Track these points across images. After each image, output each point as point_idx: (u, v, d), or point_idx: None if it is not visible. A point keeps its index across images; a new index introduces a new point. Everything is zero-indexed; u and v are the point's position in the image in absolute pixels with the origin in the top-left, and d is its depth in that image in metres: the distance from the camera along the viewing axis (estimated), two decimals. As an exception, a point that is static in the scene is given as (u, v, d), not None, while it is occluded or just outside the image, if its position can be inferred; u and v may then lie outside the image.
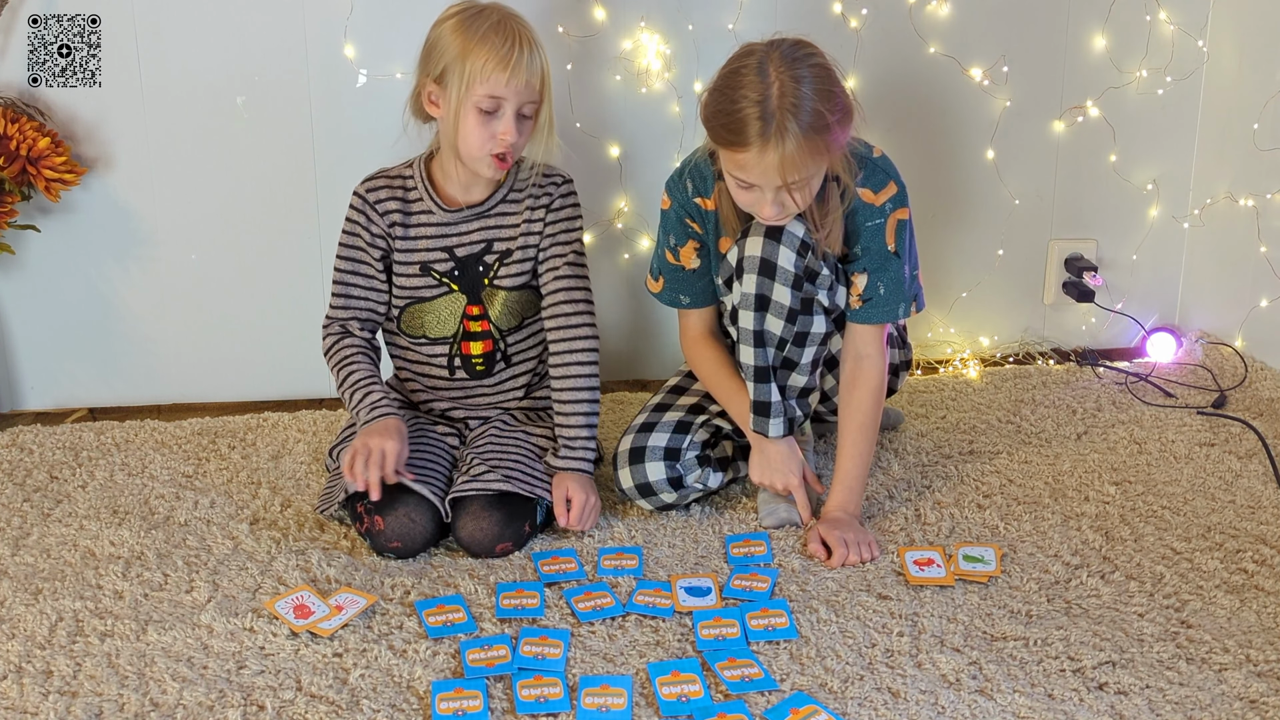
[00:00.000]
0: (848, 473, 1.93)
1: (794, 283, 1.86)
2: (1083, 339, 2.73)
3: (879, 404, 1.95)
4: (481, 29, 1.86)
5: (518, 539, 1.89)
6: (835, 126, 1.73)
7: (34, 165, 2.23)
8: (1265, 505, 2.01)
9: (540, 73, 1.89)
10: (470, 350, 2.03)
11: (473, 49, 1.85)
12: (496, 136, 1.87)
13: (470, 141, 1.89)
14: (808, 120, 1.70)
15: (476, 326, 2.03)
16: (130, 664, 1.62)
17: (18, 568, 1.85)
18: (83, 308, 2.43)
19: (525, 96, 1.87)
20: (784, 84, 1.70)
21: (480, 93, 1.85)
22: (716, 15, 2.41)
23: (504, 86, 1.85)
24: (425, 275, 2.00)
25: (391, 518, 1.85)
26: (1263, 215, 2.50)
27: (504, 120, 1.87)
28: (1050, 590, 1.78)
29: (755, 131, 1.70)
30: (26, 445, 2.26)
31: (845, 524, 1.88)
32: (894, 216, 1.89)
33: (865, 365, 1.94)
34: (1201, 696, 1.54)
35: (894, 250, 1.89)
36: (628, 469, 1.97)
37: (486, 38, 1.85)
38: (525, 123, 1.90)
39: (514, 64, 1.84)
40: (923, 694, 1.55)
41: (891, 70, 2.49)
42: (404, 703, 1.54)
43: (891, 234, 1.89)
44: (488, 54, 1.84)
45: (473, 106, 1.86)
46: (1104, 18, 2.53)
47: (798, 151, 1.70)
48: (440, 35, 1.90)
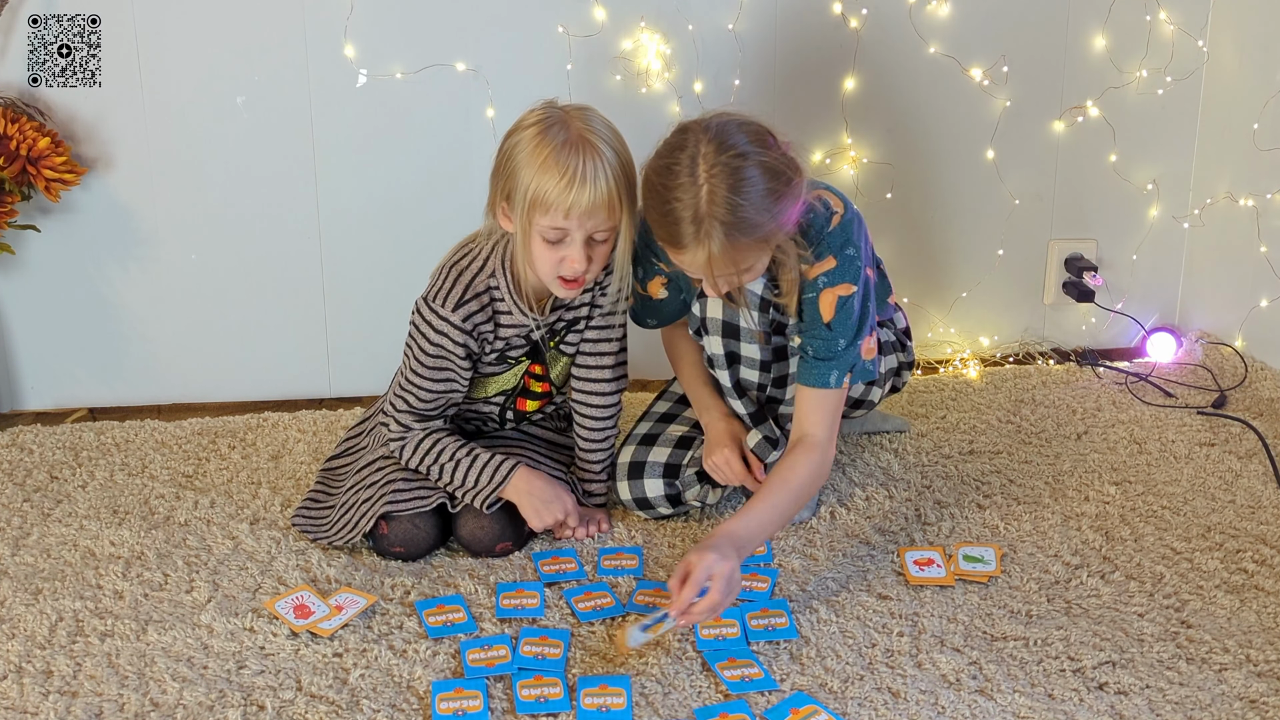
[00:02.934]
0: (752, 510, 1.71)
1: (760, 338, 1.84)
2: (1083, 339, 2.73)
3: (814, 479, 1.78)
4: (547, 150, 1.72)
5: (518, 538, 1.89)
6: (769, 224, 1.65)
7: (34, 165, 2.23)
8: (1265, 505, 2.01)
9: (611, 197, 1.74)
10: (525, 406, 2.01)
11: (536, 173, 1.72)
12: (565, 262, 1.76)
13: (538, 266, 1.79)
14: (736, 227, 1.62)
15: (537, 387, 1.99)
16: (130, 664, 1.62)
17: (18, 568, 1.85)
18: (83, 308, 2.43)
19: (592, 225, 1.74)
20: (713, 188, 1.61)
21: (542, 222, 1.74)
22: (716, 15, 2.41)
23: (564, 219, 1.72)
24: (502, 362, 1.95)
25: (395, 523, 1.85)
26: (1263, 215, 2.49)
27: (572, 247, 1.75)
28: (1050, 590, 1.78)
29: (689, 235, 1.64)
30: (26, 445, 2.26)
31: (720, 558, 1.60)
32: (829, 292, 1.77)
33: (808, 443, 1.79)
34: (1201, 696, 1.54)
35: (828, 323, 1.78)
36: (626, 483, 1.97)
37: (549, 163, 1.71)
38: (599, 247, 1.78)
39: (577, 193, 1.71)
40: (923, 694, 1.55)
41: (891, 70, 2.49)
42: (404, 703, 1.54)
43: (828, 308, 1.78)
44: (550, 181, 1.71)
45: (537, 233, 1.75)
46: (1104, 18, 2.53)
47: (726, 253, 1.64)
48: (511, 148, 1.77)
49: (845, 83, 2.48)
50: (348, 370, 2.50)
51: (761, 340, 1.84)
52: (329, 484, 2.01)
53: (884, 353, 1.99)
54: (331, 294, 2.46)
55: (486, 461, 1.87)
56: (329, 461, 2.07)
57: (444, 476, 1.87)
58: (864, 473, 2.13)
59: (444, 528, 1.89)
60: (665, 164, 1.67)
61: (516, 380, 1.97)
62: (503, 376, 1.96)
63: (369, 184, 2.40)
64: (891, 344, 2.03)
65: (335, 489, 1.99)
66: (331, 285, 2.46)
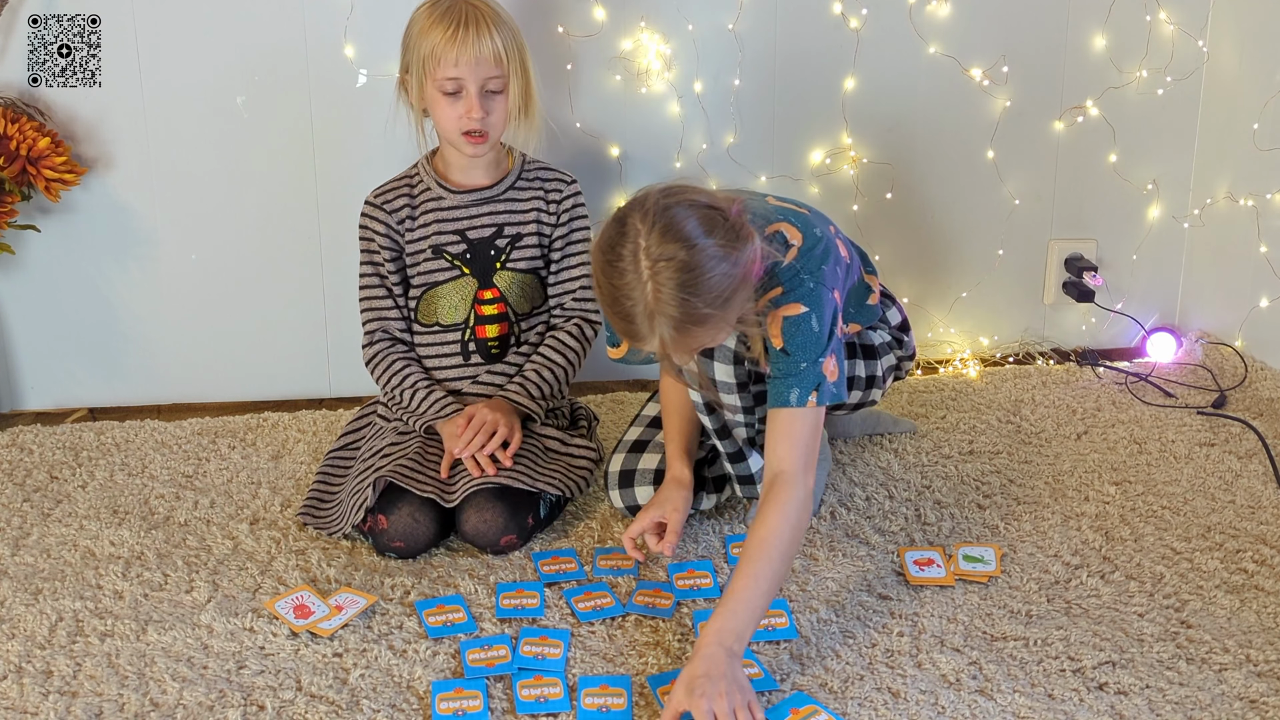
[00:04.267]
0: (735, 593, 1.55)
1: (739, 388, 1.83)
2: (1083, 339, 2.73)
3: (795, 528, 1.62)
4: (435, 14, 1.93)
5: (522, 532, 1.89)
6: (720, 311, 1.57)
7: (34, 165, 2.23)
8: (1265, 505, 2.01)
9: (496, 48, 1.92)
10: (485, 334, 2.05)
11: (425, 34, 1.93)
12: (463, 115, 1.93)
13: (442, 124, 1.97)
14: (687, 319, 1.56)
15: (491, 310, 2.04)
16: (130, 664, 1.62)
17: (18, 568, 1.85)
18: (83, 308, 2.43)
19: (483, 72, 1.92)
20: (658, 285, 1.53)
21: (438, 75, 1.92)
22: (716, 15, 2.41)
23: (455, 66, 1.91)
24: (437, 258, 2.03)
25: (395, 517, 1.85)
26: (1263, 215, 2.49)
27: (467, 99, 1.92)
28: (1050, 590, 1.78)
29: (643, 329, 1.58)
30: (26, 445, 2.26)
31: (714, 677, 1.46)
32: (775, 314, 1.70)
33: (781, 483, 1.65)
34: (1201, 696, 1.54)
35: (781, 348, 1.70)
36: (618, 491, 1.97)
37: (438, 22, 1.92)
38: (495, 99, 1.95)
39: (460, 41, 1.90)
40: (923, 694, 1.55)
41: (891, 70, 2.49)
42: (404, 703, 1.54)
43: (775, 330, 1.70)
44: (436, 36, 1.91)
45: (436, 90, 1.94)
46: (1104, 18, 2.53)
47: (680, 340, 1.59)
48: (408, 27, 1.98)
49: (845, 83, 2.48)
50: (348, 370, 2.50)
51: None
52: (330, 475, 2.03)
53: (880, 354, 1.98)
54: (331, 294, 2.46)
55: (426, 397, 1.99)
56: (330, 454, 2.07)
57: (399, 398, 2.02)
58: (864, 473, 2.13)
59: (443, 524, 1.89)
60: (608, 260, 1.57)
61: (468, 308, 2.03)
62: (450, 297, 2.03)
63: (369, 184, 2.39)
64: (887, 344, 2.02)
65: (337, 480, 2.01)
66: (331, 285, 2.46)
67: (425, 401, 1.99)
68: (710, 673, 1.46)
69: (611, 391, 2.51)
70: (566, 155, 2.38)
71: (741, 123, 2.47)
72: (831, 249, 1.76)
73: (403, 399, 2.02)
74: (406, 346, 2.06)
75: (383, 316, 2.06)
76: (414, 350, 2.06)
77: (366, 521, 1.87)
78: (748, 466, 1.93)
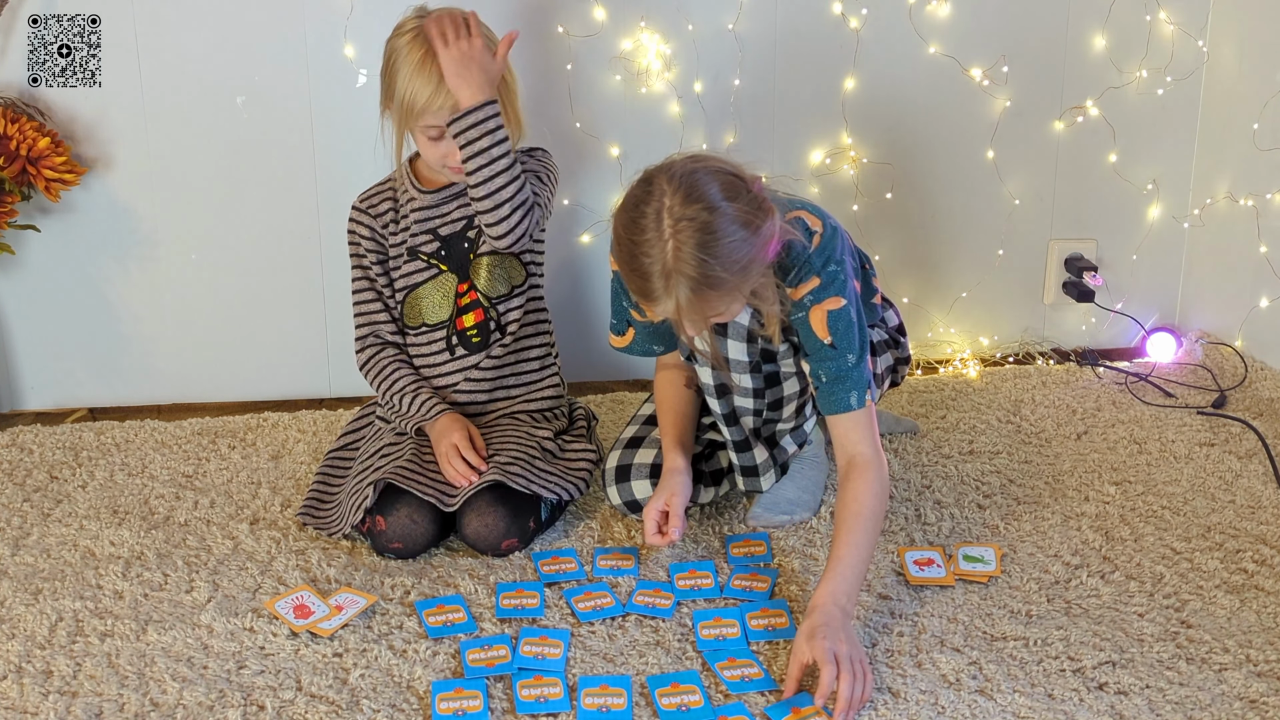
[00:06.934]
0: (840, 559, 1.65)
1: (751, 368, 1.84)
2: (1083, 339, 2.73)
3: (879, 499, 1.72)
4: (414, 57, 1.88)
5: (523, 535, 1.89)
6: (736, 278, 1.61)
7: (34, 165, 2.23)
8: (1265, 505, 2.01)
9: None
10: (464, 324, 2.04)
11: (407, 80, 1.88)
12: (447, 155, 1.93)
13: (427, 158, 1.98)
14: (703, 282, 1.59)
15: (467, 300, 2.04)
16: (130, 664, 1.62)
17: (18, 568, 1.85)
18: (83, 308, 2.43)
19: None
20: (678, 244, 1.57)
21: (420, 122, 1.91)
22: (716, 15, 2.41)
23: (436, 115, 1.89)
24: (414, 259, 2.03)
25: (393, 518, 1.85)
26: (1263, 215, 2.49)
27: (449, 143, 1.90)
28: (1050, 590, 1.78)
29: (658, 288, 1.61)
30: (26, 445, 2.26)
31: (834, 627, 1.56)
32: (818, 309, 1.75)
33: (858, 464, 1.75)
34: (1201, 696, 1.54)
35: (829, 342, 1.77)
36: (615, 487, 1.97)
37: (417, 70, 1.88)
38: None
39: (445, 94, 1.87)
40: (923, 694, 1.55)
41: (891, 70, 2.49)
42: (404, 703, 1.54)
43: (821, 325, 1.76)
44: (418, 85, 1.88)
45: (419, 132, 1.93)
46: (1104, 18, 2.53)
47: (695, 304, 1.61)
48: (389, 55, 1.93)
49: (845, 83, 2.48)
50: (348, 370, 2.50)
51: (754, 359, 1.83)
52: (330, 475, 2.03)
53: (877, 353, 1.98)
54: (331, 294, 2.47)
55: (413, 399, 2.00)
56: (330, 455, 2.07)
57: (391, 402, 2.03)
58: (864, 473, 2.13)
59: (442, 525, 1.89)
60: (631, 218, 1.62)
61: (450, 305, 2.03)
62: (432, 295, 2.02)
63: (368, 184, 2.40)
64: (885, 342, 2.02)
65: (336, 480, 2.01)
66: (331, 285, 2.46)
67: (413, 404, 2.00)
68: (829, 623, 1.56)
69: (611, 391, 2.51)
70: (566, 155, 2.38)
71: (741, 123, 2.47)
72: (846, 242, 1.81)
73: (393, 403, 2.03)
74: (397, 349, 2.06)
75: (373, 321, 2.06)
76: (404, 352, 2.07)
77: (365, 522, 1.87)
78: (752, 457, 1.93)
